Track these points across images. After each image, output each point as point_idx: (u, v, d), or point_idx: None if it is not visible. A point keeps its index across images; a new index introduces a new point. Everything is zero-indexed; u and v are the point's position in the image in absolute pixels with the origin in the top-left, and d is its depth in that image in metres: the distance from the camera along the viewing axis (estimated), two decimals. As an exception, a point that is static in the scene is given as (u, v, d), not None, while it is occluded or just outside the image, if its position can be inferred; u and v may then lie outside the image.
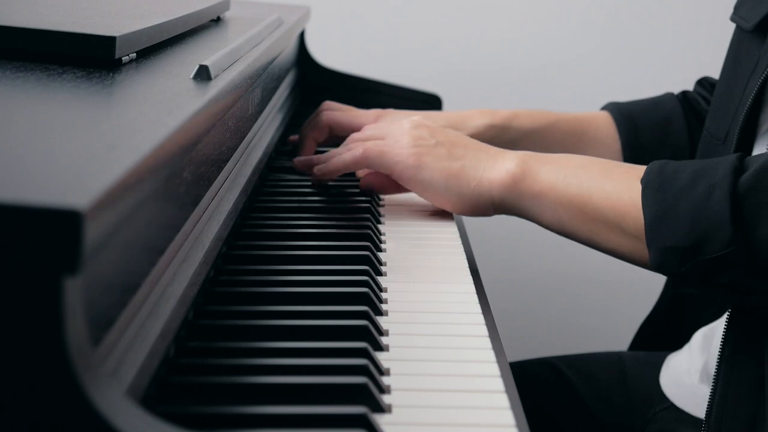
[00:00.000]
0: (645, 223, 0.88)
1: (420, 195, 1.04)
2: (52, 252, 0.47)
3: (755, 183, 0.84)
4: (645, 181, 0.90)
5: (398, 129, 1.06)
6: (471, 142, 1.04)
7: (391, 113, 1.22)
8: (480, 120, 1.20)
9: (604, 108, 1.28)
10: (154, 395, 0.64)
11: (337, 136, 1.23)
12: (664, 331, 1.21)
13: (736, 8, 1.13)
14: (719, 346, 0.93)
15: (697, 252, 0.85)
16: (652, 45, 2.08)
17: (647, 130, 1.24)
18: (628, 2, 2.08)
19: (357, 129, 1.20)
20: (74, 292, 0.49)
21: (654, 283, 1.52)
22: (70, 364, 0.49)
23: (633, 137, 1.23)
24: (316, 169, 1.10)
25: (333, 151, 1.11)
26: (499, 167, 0.99)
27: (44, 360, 0.49)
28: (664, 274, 0.89)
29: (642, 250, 0.90)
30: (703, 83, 1.28)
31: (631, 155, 1.22)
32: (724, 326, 0.93)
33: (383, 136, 1.07)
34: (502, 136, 1.20)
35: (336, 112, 1.23)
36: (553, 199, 0.96)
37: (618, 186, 0.92)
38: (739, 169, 0.86)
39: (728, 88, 1.07)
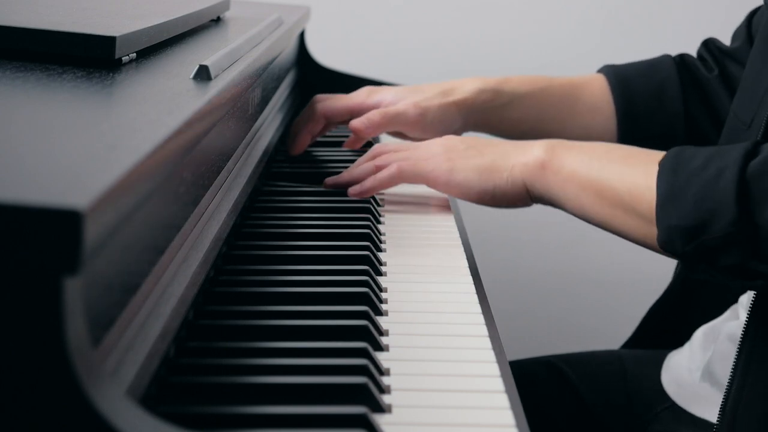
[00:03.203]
0: (656, 203, 0.89)
1: (459, 197, 1.06)
2: (52, 252, 0.47)
3: (764, 167, 0.84)
4: (662, 164, 0.90)
5: (430, 142, 1.08)
6: (499, 140, 1.06)
7: (383, 89, 1.23)
8: (471, 85, 1.21)
9: (600, 71, 1.27)
10: (154, 395, 0.64)
11: (331, 125, 1.25)
12: (663, 328, 1.20)
13: None
14: (736, 349, 0.93)
15: (702, 232, 0.86)
16: (652, 45, 2.08)
17: (642, 96, 1.23)
18: (628, 2, 2.08)
19: (352, 112, 1.21)
20: (74, 292, 0.49)
21: (654, 284, 1.52)
22: (70, 364, 0.49)
23: (627, 103, 1.22)
24: (351, 191, 1.10)
25: (361, 162, 1.11)
26: (528, 154, 1.00)
27: (44, 360, 0.49)
28: (669, 253, 0.89)
29: (654, 233, 0.90)
30: (709, 46, 1.26)
31: (624, 121, 1.22)
32: (742, 329, 0.93)
33: (414, 147, 1.08)
34: (495, 101, 1.21)
35: (328, 100, 1.24)
36: (576, 184, 0.97)
37: (636, 170, 0.93)
38: (752, 153, 0.86)
39: (757, 71, 1.06)
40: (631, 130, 1.22)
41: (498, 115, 1.21)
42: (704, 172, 0.86)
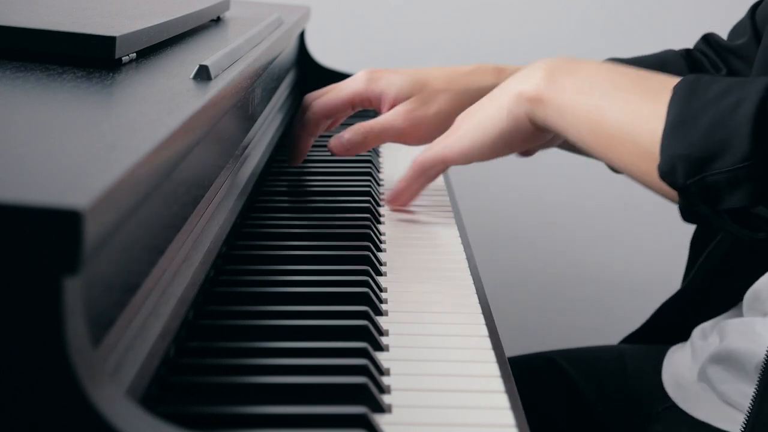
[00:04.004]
0: (664, 129, 0.80)
1: (479, 160, 0.98)
2: (52, 252, 0.47)
3: None
4: (676, 89, 0.82)
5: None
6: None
7: (385, 75, 1.13)
8: (486, 79, 1.12)
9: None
10: (154, 395, 0.64)
11: (335, 124, 1.18)
12: (670, 329, 1.19)
13: None
14: (763, 363, 0.91)
15: (708, 164, 0.77)
16: (652, 45, 2.08)
17: None
18: (629, 2, 2.08)
19: (354, 103, 1.13)
20: (74, 292, 0.49)
21: (653, 283, 1.52)
22: (70, 364, 0.49)
23: None
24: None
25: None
26: (525, 82, 0.92)
27: (44, 360, 0.49)
28: (669, 185, 0.81)
29: (655, 170, 0.81)
30: (709, 41, 1.22)
31: None
32: (765, 356, 0.90)
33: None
34: None
35: (324, 97, 1.14)
36: (574, 112, 0.88)
37: (644, 98, 0.83)
38: None
39: None
40: None
41: None
42: (720, 102, 0.78)
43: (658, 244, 2.04)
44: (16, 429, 0.50)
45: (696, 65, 1.20)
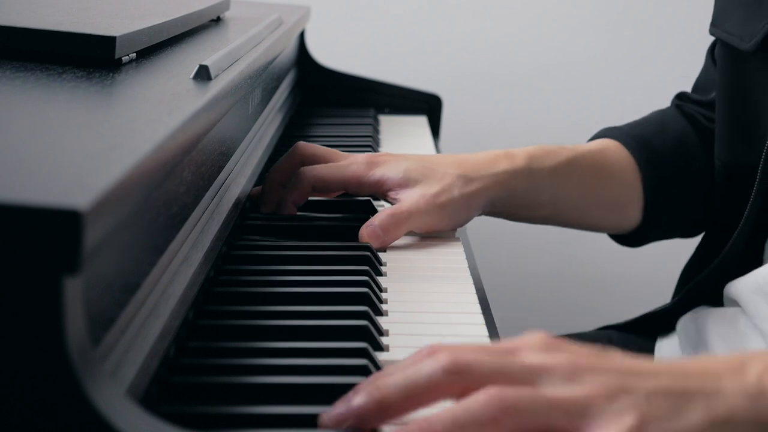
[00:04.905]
0: None
1: None
2: (52, 252, 0.47)
3: None
4: None
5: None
6: (675, 362, 0.63)
7: (384, 159, 1.01)
8: (500, 165, 1.02)
9: (604, 136, 1.15)
10: (154, 395, 0.64)
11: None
12: (654, 323, 1.17)
13: (717, 20, 1.05)
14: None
15: None
16: (654, 47, 2.08)
17: (666, 157, 1.12)
18: (630, 4, 2.08)
19: (348, 185, 1.01)
20: (74, 292, 0.49)
21: (651, 285, 1.52)
22: (70, 364, 0.49)
23: (654, 167, 1.11)
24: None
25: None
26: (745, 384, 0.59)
27: (44, 360, 0.49)
28: None
29: None
30: (685, 99, 1.18)
31: (652, 187, 1.11)
32: None
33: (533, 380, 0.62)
34: (526, 185, 1.03)
35: (318, 167, 1.01)
36: None
37: None
38: None
39: (744, 114, 1.00)
40: (659, 193, 1.12)
41: (523, 200, 1.05)
42: None
43: (657, 245, 2.04)
44: (16, 429, 0.50)
45: (694, 122, 1.15)
